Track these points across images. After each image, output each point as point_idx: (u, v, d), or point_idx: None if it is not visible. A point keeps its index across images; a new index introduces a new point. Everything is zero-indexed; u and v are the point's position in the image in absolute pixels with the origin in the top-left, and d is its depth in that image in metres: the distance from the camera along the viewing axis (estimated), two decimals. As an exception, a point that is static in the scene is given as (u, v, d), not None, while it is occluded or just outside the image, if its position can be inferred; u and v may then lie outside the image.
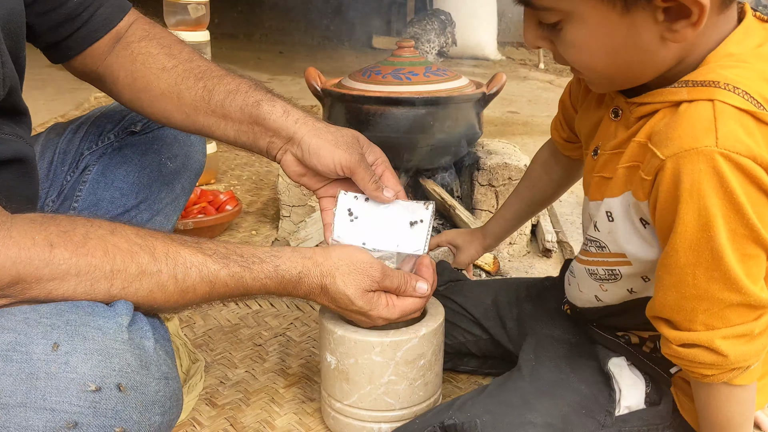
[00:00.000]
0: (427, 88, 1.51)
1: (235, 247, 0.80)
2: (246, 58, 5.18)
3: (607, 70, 0.69)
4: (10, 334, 0.62)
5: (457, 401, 0.85)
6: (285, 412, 1.05)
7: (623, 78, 0.70)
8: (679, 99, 0.65)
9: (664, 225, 0.66)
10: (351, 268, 0.83)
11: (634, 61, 0.67)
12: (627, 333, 0.86)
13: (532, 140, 2.85)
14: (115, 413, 0.63)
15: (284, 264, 0.81)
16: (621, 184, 0.73)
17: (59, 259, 0.66)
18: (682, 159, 0.62)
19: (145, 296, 0.72)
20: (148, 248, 0.72)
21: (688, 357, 0.68)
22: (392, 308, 0.86)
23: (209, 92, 0.92)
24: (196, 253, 0.76)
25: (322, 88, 1.60)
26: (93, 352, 0.63)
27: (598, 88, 0.76)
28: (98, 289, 0.69)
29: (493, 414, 0.79)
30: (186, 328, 1.28)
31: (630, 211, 0.72)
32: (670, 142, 0.63)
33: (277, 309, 1.37)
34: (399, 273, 0.87)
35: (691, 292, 0.65)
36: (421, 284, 0.88)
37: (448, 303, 1.07)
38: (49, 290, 0.66)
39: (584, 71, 0.71)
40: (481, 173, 1.62)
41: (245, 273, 0.78)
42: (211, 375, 1.14)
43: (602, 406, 0.82)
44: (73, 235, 0.68)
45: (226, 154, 2.56)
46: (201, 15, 1.81)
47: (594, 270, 0.81)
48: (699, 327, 0.66)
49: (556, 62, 0.75)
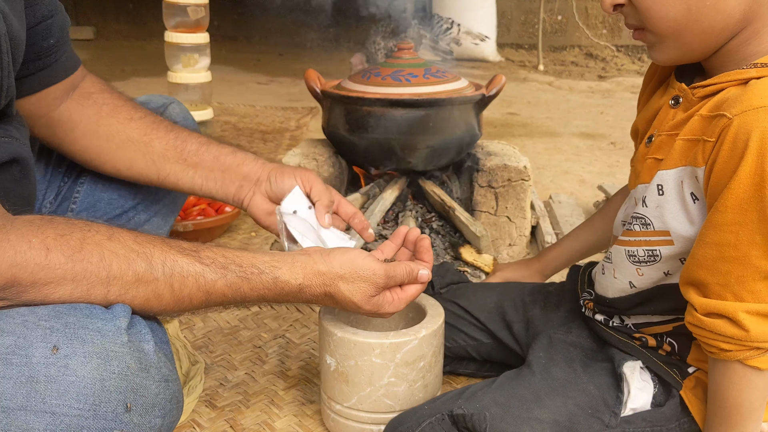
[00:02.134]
0: (426, 89, 1.51)
1: (234, 256, 0.80)
2: (245, 60, 5.18)
3: (679, 17, 0.71)
4: (10, 337, 0.62)
5: (467, 390, 0.86)
6: (285, 414, 1.04)
7: (693, 33, 0.71)
8: (748, 77, 0.69)
9: (719, 183, 0.67)
10: (354, 275, 0.83)
11: (706, 5, 0.69)
12: (644, 335, 0.86)
13: (531, 142, 2.85)
14: (115, 416, 0.63)
15: (284, 275, 0.80)
16: (677, 157, 0.74)
17: (55, 264, 0.66)
18: (750, 116, 0.65)
19: (141, 304, 0.72)
20: (145, 255, 0.72)
21: (709, 327, 0.69)
22: (398, 302, 0.87)
23: (182, 141, 1.00)
24: (194, 262, 0.75)
25: (321, 90, 1.60)
26: (92, 355, 0.63)
27: (664, 52, 0.76)
28: (94, 295, 0.68)
29: (502, 406, 0.80)
30: (186, 330, 1.28)
31: (682, 185, 0.74)
32: (739, 104, 0.66)
33: (277, 311, 1.37)
34: (402, 268, 0.86)
35: (730, 254, 0.67)
36: (423, 271, 0.88)
37: (450, 306, 1.07)
38: (45, 294, 0.66)
39: (656, 21, 0.72)
40: (481, 175, 1.62)
41: (243, 284, 0.78)
42: (210, 377, 1.14)
43: (609, 407, 0.82)
44: (70, 240, 0.68)
45: (225, 156, 2.55)
46: (201, 17, 1.81)
47: (634, 252, 0.81)
48: (728, 296, 0.68)
49: (628, 26, 0.77)
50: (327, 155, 1.67)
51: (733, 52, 0.73)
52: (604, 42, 5.60)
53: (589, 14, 5.60)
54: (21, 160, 0.86)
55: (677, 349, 0.83)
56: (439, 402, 0.86)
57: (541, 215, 1.77)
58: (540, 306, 1.04)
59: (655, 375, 0.85)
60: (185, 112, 1.18)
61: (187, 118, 1.17)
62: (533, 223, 1.73)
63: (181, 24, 1.78)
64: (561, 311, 1.01)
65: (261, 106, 3.56)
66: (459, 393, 0.86)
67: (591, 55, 5.58)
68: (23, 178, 0.87)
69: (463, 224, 1.54)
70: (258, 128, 3.07)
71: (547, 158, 2.63)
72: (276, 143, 2.81)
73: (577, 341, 0.93)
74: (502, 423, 0.78)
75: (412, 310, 1.02)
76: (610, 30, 5.61)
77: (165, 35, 1.79)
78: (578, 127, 3.20)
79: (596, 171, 2.49)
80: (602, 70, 5.12)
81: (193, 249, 0.77)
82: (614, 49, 5.54)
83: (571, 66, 5.28)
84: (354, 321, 1.02)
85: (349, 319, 1.01)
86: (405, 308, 1.02)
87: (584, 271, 1.00)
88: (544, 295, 1.05)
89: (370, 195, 1.64)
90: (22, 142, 0.88)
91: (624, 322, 0.88)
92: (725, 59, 0.74)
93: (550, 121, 3.33)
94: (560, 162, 2.59)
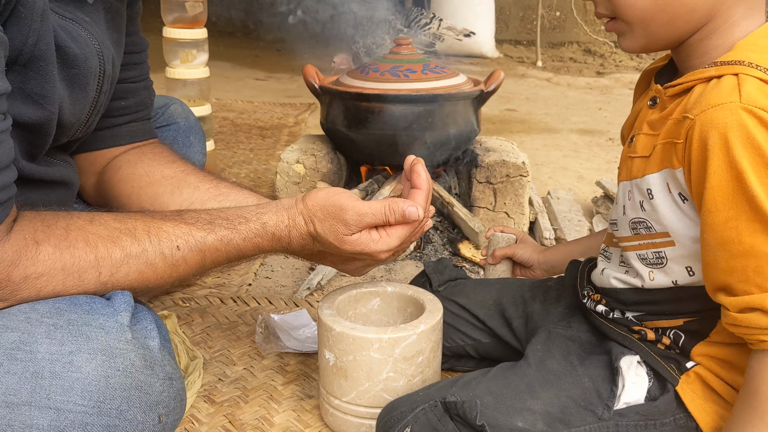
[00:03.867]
0: (424, 85, 1.51)
1: (219, 212, 0.80)
2: (243, 56, 5.17)
3: (647, 9, 0.74)
4: (14, 333, 0.62)
5: (462, 379, 0.86)
6: (283, 409, 1.05)
7: (658, 22, 0.75)
8: (709, 75, 0.72)
9: (699, 184, 0.70)
10: (325, 213, 0.80)
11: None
12: (644, 328, 0.86)
13: (529, 138, 2.85)
14: (120, 413, 0.63)
15: (271, 219, 0.80)
16: (658, 161, 0.77)
17: (44, 255, 0.66)
18: (708, 114, 0.68)
19: (137, 278, 0.71)
20: (128, 231, 0.72)
21: (745, 323, 0.70)
22: (387, 238, 0.82)
23: (218, 179, 0.99)
24: (179, 224, 0.75)
25: (320, 86, 1.60)
26: (97, 351, 0.63)
27: (632, 40, 0.79)
28: (87, 280, 0.69)
29: (495, 396, 0.80)
30: (184, 326, 1.28)
31: (668, 187, 0.76)
32: (699, 105, 0.70)
33: (276, 306, 1.37)
34: (378, 206, 0.81)
35: (738, 249, 0.68)
36: (410, 208, 0.81)
37: (449, 305, 1.06)
38: (38, 288, 0.66)
39: (625, 9, 0.75)
40: (479, 170, 1.62)
41: (234, 235, 0.78)
42: (209, 372, 1.14)
43: (602, 399, 0.82)
44: (55, 229, 0.69)
45: (224, 152, 2.55)
46: (198, 12, 1.80)
47: (644, 255, 0.82)
48: (753, 289, 0.69)
49: (597, 15, 0.80)
50: (325, 151, 1.67)
51: (695, 46, 0.77)
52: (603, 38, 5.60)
53: (587, 10, 5.60)
54: (70, 185, 0.89)
55: (681, 343, 0.83)
56: (433, 389, 0.86)
57: (539, 211, 1.77)
58: (540, 301, 1.04)
59: (651, 369, 0.85)
60: (187, 112, 1.18)
61: (188, 117, 1.18)
62: (531, 218, 1.73)
63: (179, 19, 1.78)
64: (561, 306, 1.01)
65: (259, 102, 3.56)
66: (453, 381, 0.86)
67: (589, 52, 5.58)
68: (67, 200, 0.90)
69: (462, 220, 1.55)
70: (256, 124, 3.07)
71: (546, 154, 2.63)
72: (274, 139, 2.81)
73: (576, 335, 0.93)
74: (494, 412, 0.79)
75: (410, 306, 1.02)
76: (608, 26, 5.60)
77: (163, 31, 1.79)
78: (576, 124, 3.20)
79: (594, 167, 2.49)
80: (600, 66, 5.12)
81: (176, 213, 0.78)
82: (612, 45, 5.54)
83: (569, 62, 5.28)
84: (353, 317, 1.02)
85: (348, 315, 1.02)
86: (403, 303, 1.02)
87: (584, 266, 1.01)
88: (544, 290, 1.05)
89: (369, 191, 1.64)
90: (73, 170, 0.91)
91: (624, 314, 0.88)
92: (689, 53, 0.78)
93: (549, 117, 3.33)
94: (558, 158, 2.59)
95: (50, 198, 0.83)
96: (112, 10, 0.87)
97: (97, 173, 0.99)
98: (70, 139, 0.85)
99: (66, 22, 0.77)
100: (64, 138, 0.83)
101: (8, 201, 0.66)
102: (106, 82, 0.83)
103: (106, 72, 0.82)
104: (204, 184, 0.96)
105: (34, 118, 0.72)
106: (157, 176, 0.97)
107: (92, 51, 0.79)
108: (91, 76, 0.80)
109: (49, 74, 0.72)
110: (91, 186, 1.00)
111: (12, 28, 0.66)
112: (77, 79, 0.78)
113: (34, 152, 0.78)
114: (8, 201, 0.66)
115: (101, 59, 0.81)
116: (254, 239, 0.79)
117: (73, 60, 0.76)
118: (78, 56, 0.76)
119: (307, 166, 1.66)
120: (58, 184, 0.85)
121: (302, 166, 1.66)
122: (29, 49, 0.68)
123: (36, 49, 0.69)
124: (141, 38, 1.00)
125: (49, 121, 0.74)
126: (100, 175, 0.99)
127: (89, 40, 0.79)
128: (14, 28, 0.66)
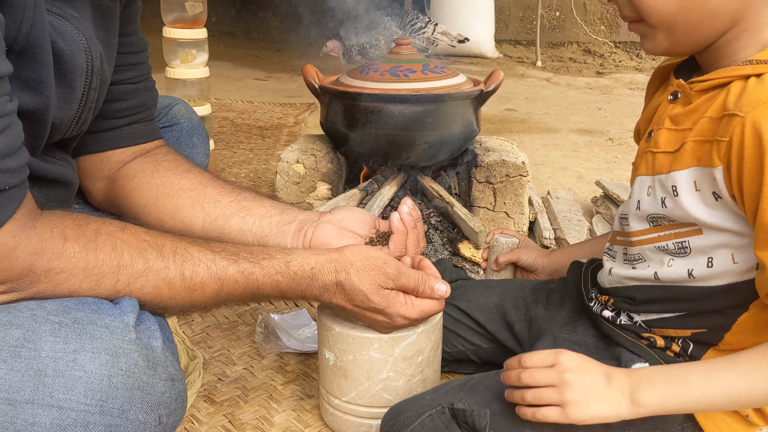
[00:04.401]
0: (424, 85, 1.51)
1: (245, 246, 0.81)
2: (243, 56, 5.17)
3: (672, 10, 0.73)
4: (18, 330, 0.62)
5: (469, 382, 0.86)
6: (283, 408, 1.05)
7: (682, 27, 0.74)
8: (746, 74, 0.71)
9: (752, 182, 0.68)
10: (365, 263, 0.83)
11: (695, 2, 0.72)
12: (654, 335, 0.85)
13: (529, 138, 2.85)
14: (122, 413, 0.63)
15: (295, 260, 0.81)
16: (688, 158, 0.75)
17: (70, 252, 0.67)
18: (759, 111, 0.67)
19: (151, 292, 0.72)
20: (156, 245, 0.73)
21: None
22: (411, 307, 0.85)
23: (239, 190, 0.98)
24: (205, 250, 0.76)
25: (319, 86, 1.60)
26: (101, 351, 0.63)
27: (656, 42, 0.78)
28: (103, 285, 0.69)
29: (503, 402, 0.80)
30: (184, 326, 1.28)
31: (695, 185, 0.75)
32: (747, 102, 0.68)
33: (275, 306, 1.37)
34: (416, 273, 0.86)
35: None
36: (440, 285, 0.87)
37: (449, 309, 1.06)
38: (56, 283, 0.66)
39: (650, 12, 0.75)
40: (479, 170, 1.62)
41: (255, 269, 0.78)
42: (209, 372, 1.14)
43: None
44: (86, 230, 0.69)
45: (224, 152, 2.56)
46: (198, 12, 1.80)
47: (664, 246, 0.81)
48: None
49: (623, 18, 0.79)
50: (325, 151, 1.67)
51: (723, 48, 0.76)
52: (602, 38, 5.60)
53: (587, 10, 5.60)
54: (69, 184, 0.88)
55: (690, 351, 0.82)
56: (440, 393, 0.85)
57: (539, 211, 1.77)
58: (543, 305, 1.03)
59: None
60: (190, 113, 1.18)
61: (192, 118, 1.17)
62: (531, 218, 1.73)
63: (179, 19, 1.78)
64: (565, 310, 1.00)
65: (259, 102, 3.56)
66: (461, 385, 0.86)
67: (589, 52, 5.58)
68: (67, 200, 0.89)
69: (462, 220, 1.55)
70: (256, 124, 3.07)
71: (545, 154, 2.63)
72: (274, 139, 2.81)
73: (582, 340, 0.93)
74: (502, 419, 0.78)
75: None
76: (608, 26, 5.61)
77: (163, 31, 1.79)
78: (576, 124, 3.20)
79: (594, 167, 2.49)
80: (600, 66, 5.12)
81: (204, 241, 0.79)
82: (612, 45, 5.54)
83: (569, 62, 5.28)
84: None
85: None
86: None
87: (587, 268, 1.00)
88: (546, 293, 1.05)
89: (369, 191, 1.64)
90: (73, 169, 0.91)
91: (633, 320, 0.87)
92: (716, 55, 0.77)
93: (548, 117, 3.33)
94: (558, 158, 2.59)
95: (50, 197, 0.83)
96: (101, 8, 0.86)
97: (105, 178, 0.99)
98: (64, 137, 0.85)
99: (53, 17, 0.77)
100: (57, 135, 0.82)
101: (23, 184, 0.66)
102: (95, 78, 0.82)
103: (95, 68, 0.82)
104: (224, 197, 0.96)
105: (32, 105, 0.72)
106: (175, 187, 0.96)
107: (79, 47, 0.79)
108: (78, 73, 0.79)
109: (44, 60, 0.72)
110: (99, 191, 1.00)
111: (5, 17, 0.65)
112: (63, 74, 0.77)
113: (33, 144, 0.77)
114: (23, 184, 0.66)
115: (88, 55, 0.80)
116: (275, 276, 0.80)
117: (58, 56, 0.75)
118: (64, 52, 0.76)
119: (307, 166, 1.66)
120: (58, 182, 0.85)
121: (302, 165, 1.66)
122: (23, 36, 0.68)
123: (30, 36, 0.69)
124: (140, 38, 0.99)
125: (46, 107, 0.74)
126: (110, 180, 0.99)
127: (76, 36, 0.79)
128: (7, 17, 0.66)
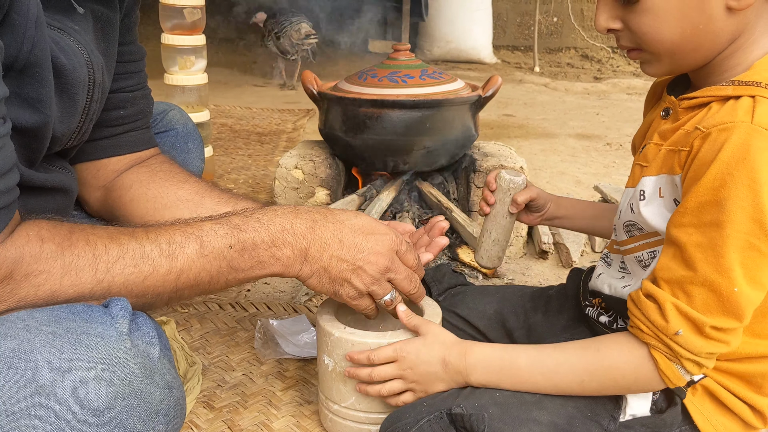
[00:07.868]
0: (423, 90, 1.52)
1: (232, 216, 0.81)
2: (242, 62, 5.18)
3: (674, 39, 0.74)
4: (13, 341, 0.61)
5: (466, 388, 0.85)
6: (282, 414, 1.05)
7: (684, 50, 0.75)
8: (726, 95, 0.73)
9: (688, 188, 0.71)
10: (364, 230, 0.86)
11: (698, 28, 0.73)
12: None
13: (527, 143, 2.86)
14: (119, 422, 0.63)
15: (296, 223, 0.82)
16: (659, 165, 0.78)
17: (47, 253, 0.67)
18: (720, 130, 0.69)
19: (132, 272, 0.71)
20: (128, 232, 0.74)
21: (642, 306, 0.74)
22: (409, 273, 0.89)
23: (236, 199, 0.99)
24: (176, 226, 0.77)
25: (318, 92, 1.60)
26: (96, 360, 0.63)
27: (657, 67, 0.80)
28: (84, 278, 0.69)
29: (500, 406, 0.80)
30: (183, 332, 1.28)
31: (660, 191, 0.77)
32: (712, 120, 0.71)
33: (274, 311, 1.37)
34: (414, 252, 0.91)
35: (679, 254, 0.71)
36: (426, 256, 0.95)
37: (448, 316, 1.06)
38: (36, 285, 0.66)
39: (652, 43, 0.76)
40: (478, 175, 1.62)
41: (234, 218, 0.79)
42: (208, 378, 1.14)
43: (608, 411, 0.82)
44: (60, 229, 0.70)
45: (222, 158, 2.56)
46: (197, 19, 1.80)
47: (640, 257, 0.83)
48: (666, 288, 0.73)
49: (621, 47, 0.80)
50: (324, 156, 1.67)
51: (718, 64, 0.77)
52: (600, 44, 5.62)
53: (584, 16, 5.62)
54: (68, 191, 0.89)
55: None
56: (438, 398, 0.85)
57: (537, 216, 1.77)
58: (542, 312, 1.03)
59: None
60: (185, 118, 1.18)
61: (187, 123, 1.17)
62: (530, 223, 1.73)
63: (177, 26, 1.78)
64: (563, 317, 1.00)
65: (258, 108, 3.56)
66: (459, 389, 0.86)
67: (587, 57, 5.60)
68: (66, 208, 0.90)
69: (460, 225, 1.55)
70: (255, 130, 3.08)
71: (544, 159, 2.64)
72: (273, 145, 2.81)
73: None
74: (500, 423, 0.78)
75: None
76: (605, 31, 5.63)
77: (161, 37, 1.79)
78: (574, 128, 3.21)
79: (592, 172, 2.49)
80: (598, 71, 5.14)
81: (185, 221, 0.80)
82: (610, 50, 5.56)
83: (566, 67, 5.29)
84: (352, 322, 1.02)
85: (347, 319, 1.01)
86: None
87: (586, 276, 1.00)
88: (545, 300, 1.05)
89: (367, 196, 1.64)
90: (72, 177, 0.91)
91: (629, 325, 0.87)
92: (708, 72, 0.78)
93: (546, 123, 3.34)
94: (556, 163, 2.59)
95: (49, 205, 0.83)
96: (102, 20, 0.87)
97: (102, 187, 0.99)
98: (64, 147, 0.85)
99: (54, 32, 0.77)
100: (57, 147, 0.83)
101: (11, 205, 0.66)
102: (96, 90, 0.83)
103: (96, 81, 0.82)
104: (221, 207, 0.97)
105: (31, 122, 0.72)
106: (172, 198, 0.97)
107: (80, 61, 0.79)
108: (80, 86, 0.80)
109: (44, 79, 0.72)
110: (96, 200, 1.00)
111: (6, 36, 0.66)
112: (65, 89, 0.78)
113: (32, 157, 0.78)
114: (11, 205, 0.66)
115: (90, 68, 0.81)
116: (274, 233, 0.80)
117: (60, 70, 0.76)
118: (66, 66, 0.77)
119: (306, 172, 1.66)
120: (57, 190, 0.85)
121: (301, 171, 1.66)
122: (24, 55, 0.69)
123: (31, 55, 0.69)
124: (138, 47, 1.00)
125: (45, 125, 0.75)
126: (106, 190, 0.99)
127: (78, 49, 0.79)
128: (8, 36, 0.66)
